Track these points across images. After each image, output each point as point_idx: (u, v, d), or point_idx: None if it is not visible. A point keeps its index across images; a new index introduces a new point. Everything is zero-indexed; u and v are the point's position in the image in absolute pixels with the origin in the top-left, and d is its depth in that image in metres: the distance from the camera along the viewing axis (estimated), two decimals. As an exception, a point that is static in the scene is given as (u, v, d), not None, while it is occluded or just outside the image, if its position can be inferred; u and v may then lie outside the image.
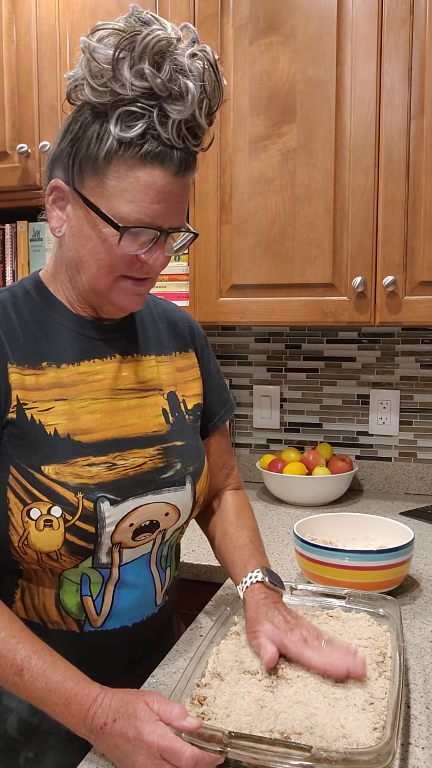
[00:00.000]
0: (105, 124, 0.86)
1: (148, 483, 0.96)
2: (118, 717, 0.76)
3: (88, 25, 1.82)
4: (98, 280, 0.92)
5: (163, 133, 0.85)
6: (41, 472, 0.89)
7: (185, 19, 1.71)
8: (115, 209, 0.87)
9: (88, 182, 0.89)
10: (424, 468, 1.97)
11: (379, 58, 1.58)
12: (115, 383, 0.98)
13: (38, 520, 0.88)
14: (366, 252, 1.62)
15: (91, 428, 0.93)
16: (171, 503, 0.99)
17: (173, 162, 0.86)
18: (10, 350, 0.91)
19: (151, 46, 0.83)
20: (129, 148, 0.85)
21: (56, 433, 0.91)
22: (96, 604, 0.95)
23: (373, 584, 1.18)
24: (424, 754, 0.80)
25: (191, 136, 0.87)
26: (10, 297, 0.96)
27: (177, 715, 0.74)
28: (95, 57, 0.83)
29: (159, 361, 1.05)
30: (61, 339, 0.95)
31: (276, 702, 0.81)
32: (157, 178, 0.86)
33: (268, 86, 1.67)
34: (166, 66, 0.83)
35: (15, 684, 0.82)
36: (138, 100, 0.84)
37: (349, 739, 0.74)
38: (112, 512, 0.92)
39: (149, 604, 1.01)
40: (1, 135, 1.92)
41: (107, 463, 0.93)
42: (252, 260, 1.72)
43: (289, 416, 2.11)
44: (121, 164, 0.86)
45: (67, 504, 0.89)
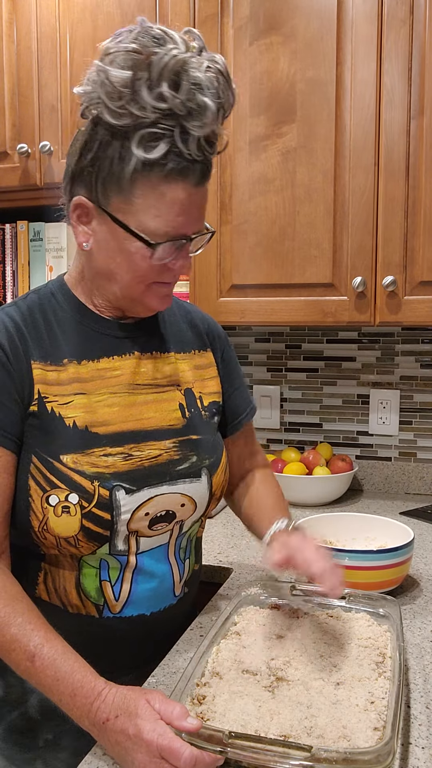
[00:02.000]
0: (126, 145, 0.88)
1: (163, 474, 1.00)
2: (120, 713, 0.76)
3: (89, 25, 1.83)
4: (131, 288, 0.97)
5: (185, 150, 0.88)
6: (60, 460, 0.94)
7: (185, 20, 1.71)
8: (143, 225, 0.91)
9: (114, 200, 0.92)
10: (424, 468, 1.97)
11: (379, 58, 1.58)
12: (133, 379, 1.02)
13: (56, 507, 0.93)
14: (366, 252, 1.62)
15: (108, 421, 0.98)
16: (187, 494, 1.02)
17: (195, 175, 0.90)
18: (34, 348, 0.97)
19: (169, 68, 0.84)
20: (153, 167, 0.88)
21: (75, 425, 0.96)
22: (114, 589, 0.99)
23: (373, 584, 1.18)
24: (424, 754, 0.80)
25: (209, 147, 0.91)
26: (36, 299, 1.02)
27: (178, 715, 0.74)
28: (111, 80, 0.85)
29: (178, 358, 1.10)
30: (82, 338, 1.00)
31: (276, 702, 0.81)
32: (181, 192, 0.90)
33: (268, 86, 1.67)
34: (184, 84, 0.85)
35: (27, 670, 0.83)
36: (159, 122, 0.86)
37: (349, 739, 0.74)
38: (128, 501, 0.96)
39: (168, 594, 1.04)
40: (1, 135, 1.92)
41: (123, 454, 0.97)
42: (252, 260, 1.72)
43: (289, 416, 2.11)
44: (146, 182, 0.89)
45: (84, 491, 0.93)
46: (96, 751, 0.81)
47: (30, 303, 1.01)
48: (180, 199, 0.90)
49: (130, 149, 0.88)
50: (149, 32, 0.86)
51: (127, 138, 0.88)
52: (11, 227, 2.05)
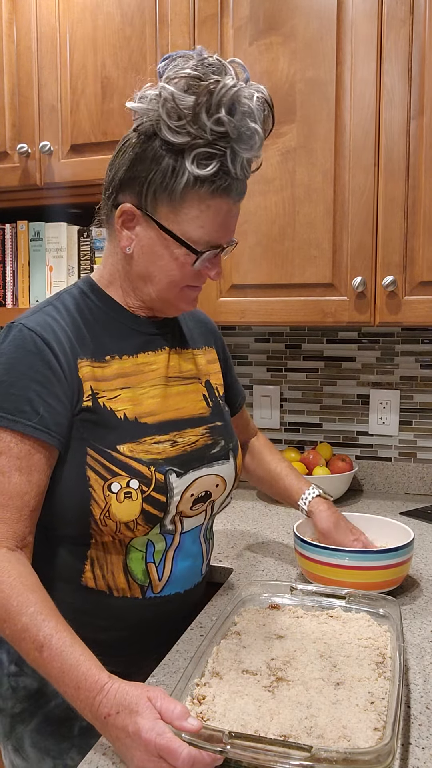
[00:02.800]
0: (180, 161, 0.97)
1: (202, 458, 1.10)
2: (121, 710, 0.77)
3: (89, 25, 1.83)
4: (167, 291, 1.06)
5: (232, 170, 0.98)
6: (117, 450, 1.01)
7: (185, 20, 1.71)
8: (187, 234, 1.00)
9: (162, 209, 1.00)
10: (424, 468, 1.97)
11: (379, 58, 1.58)
12: (167, 372, 1.11)
13: (119, 493, 0.99)
14: (366, 252, 1.62)
15: (152, 411, 1.06)
16: (220, 475, 1.13)
17: (237, 191, 1.01)
18: (79, 347, 1.02)
19: (227, 96, 0.94)
20: (204, 183, 0.98)
21: (125, 417, 1.03)
22: (158, 570, 1.06)
23: (373, 584, 1.18)
24: (424, 754, 0.80)
25: (249, 167, 1.02)
26: (70, 299, 1.08)
27: (178, 715, 0.74)
28: (177, 102, 0.94)
29: (195, 354, 1.20)
30: (119, 334, 1.08)
31: (276, 702, 0.81)
32: (224, 206, 1.01)
33: (268, 86, 1.64)
34: (238, 111, 0.96)
35: (35, 659, 0.85)
36: (214, 143, 0.96)
37: (349, 740, 0.74)
38: (178, 483, 1.05)
39: (197, 572, 1.14)
40: (1, 135, 1.92)
41: (170, 441, 1.06)
42: (252, 260, 1.72)
43: (289, 416, 2.11)
44: (195, 196, 0.99)
45: (143, 477, 1.01)
46: (97, 748, 0.81)
47: (66, 303, 1.07)
48: (223, 212, 1.01)
49: (184, 165, 0.97)
50: (207, 61, 0.97)
51: (182, 154, 0.97)
52: (11, 227, 2.05)
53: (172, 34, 1.72)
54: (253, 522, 1.71)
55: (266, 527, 1.66)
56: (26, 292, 2.04)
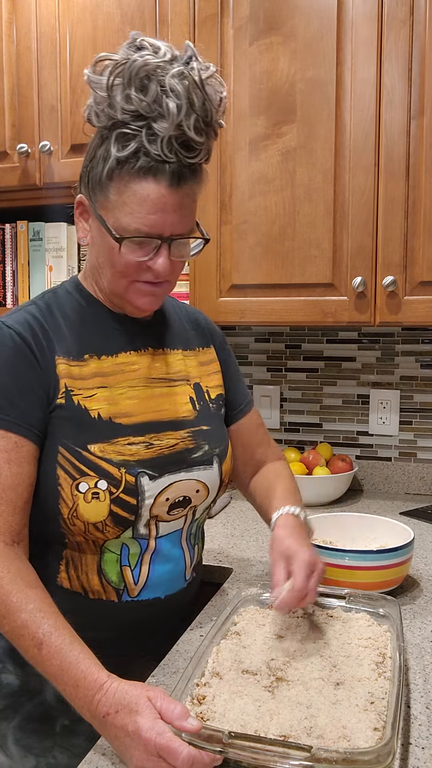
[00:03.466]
0: (107, 145, 0.96)
1: (180, 462, 1.07)
2: (120, 709, 0.76)
3: (89, 25, 1.83)
4: (114, 284, 1.03)
5: (153, 150, 0.93)
6: (88, 450, 0.99)
7: (185, 20, 1.71)
8: (118, 221, 0.97)
9: (98, 197, 0.99)
10: (424, 468, 1.97)
11: (379, 58, 1.58)
12: (149, 373, 1.09)
13: (86, 493, 0.98)
14: (366, 252, 1.62)
15: (129, 412, 1.04)
16: (201, 480, 1.09)
17: (165, 175, 0.94)
18: (57, 344, 1.02)
19: (136, 72, 0.91)
20: (125, 165, 0.95)
21: (100, 417, 1.01)
22: (134, 573, 1.04)
23: (373, 584, 1.18)
24: (424, 754, 0.80)
25: (184, 150, 0.95)
26: (54, 298, 1.07)
27: (178, 715, 0.74)
28: (94, 87, 0.95)
29: (185, 355, 1.16)
30: (101, 333, 1.06)
31: (276, 702, 0.81)
32: (152, 191, 0.95)
33: (268, 86, 1.67)
34: (152, 88, 0.91)
35: (34, 657, 0.84)
36: (128, 123, 0.93)
37: (349, 740, 0.74)
38: (151, 486, 1.02)
39: (180, 577, 1.10)
40: (1, 135, 1.92)
41: (145, 443, 1.04)
42: (252, 260, 1.72)
43: (289, 416, 2.11)
44: (120, 180, 0.96)
45: (112, 478, 0.99)
46: (97, 748, 0.81)
47: (48, 301, 1.06)
48: (150, 197, 0.95)
49: (109, 149, 0.95)
50: (133, 43, 0.95)
51: (108, 139, 0.96)
52: (11, 227, 2.05)
53: (172, 34, 1.72)
54: (253, 522, 1.71)
55: (266, 527, 1.66)
56: (26, 292, 2.04)
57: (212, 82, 0.96)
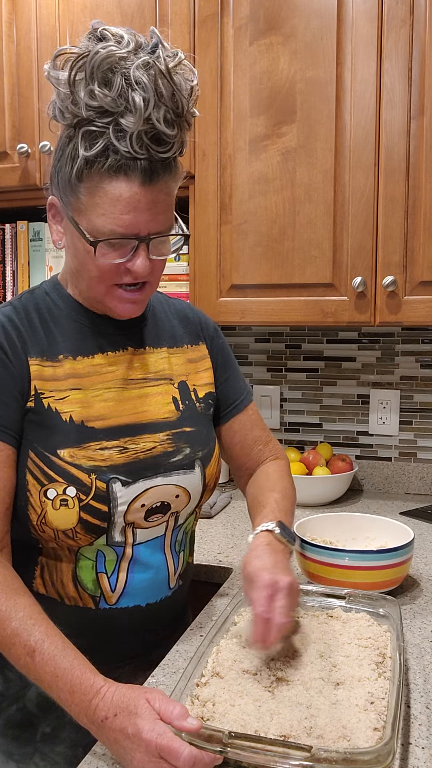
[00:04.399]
0: (74, 144, 0.90)
1: (157, 466, 1.02)
2: (119, 712, 0.76)
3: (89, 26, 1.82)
4: (92, 289, 0.98)
5: (122, 147, 0.87)
6: (57, 455, 0.96)
7: (185, 20, 1.71)
8: (91, 223, 0.92)
9: (69, 199, 0.94)
10: (424, 468, 1.97)
11: (379, 58, 1.58)
12: (127, 374, 1.04)
13: (55, 500, 0.95)
14: (366, 252, 1.62)
15: (103, 415, 1.00)
16: (181, 485, 1.05)
17: (137, 172, 0.89)
18: (31, 346, 0.98)
19: (98, 65, 0.86)
20: (94, 165, 0.89)
21: (71, 420, 0.98)
22: (110, 581, 1.01)
23: (373, 584, 1.18)
24: (424, 754, 0.80)
25: (155, 144, 0.89)
26: (31, 298, 1.04)
27: (178, 715, 0.74)
28: (56, 83, 0.89)
29: (171, 353, 1.11)
30: (77, 334, 1.02)
31: (276, 702, 0.81)
32: (124, 189, 0.90)
33: (268, 86, 1.67)
34: (117, 81, 0.86)
35: (26, 665, 0.83)
36: (94, 120, 0.88)
37: (349, 740, 0.74)
38: (124, 493, 0.98)
39: (162, 586, 1.06)
40: (1, 135, 1.91)
41: (119, 447, 1.00)
42: (252, 260, 1.72)
43: (289, 416, 2.11)
44: (90, 181, 0.90)
45: (81, 485, 0.95)
46: (96, 751, 0.81)
47: (25, 302, 1.03)
48: (123, 196, 0.90)
49: (76, 149, 0.90)
50: (95, 33, 0.89)
51: (75, 137, 0.90)
52: (11, 227, 2.05)
53: (172, 33, 1.72)
54: (253, 522, 1.71)
55: (266, 527, 1.66)
56: (26, 292, 2.04)
57: (181, 70, 0.90)
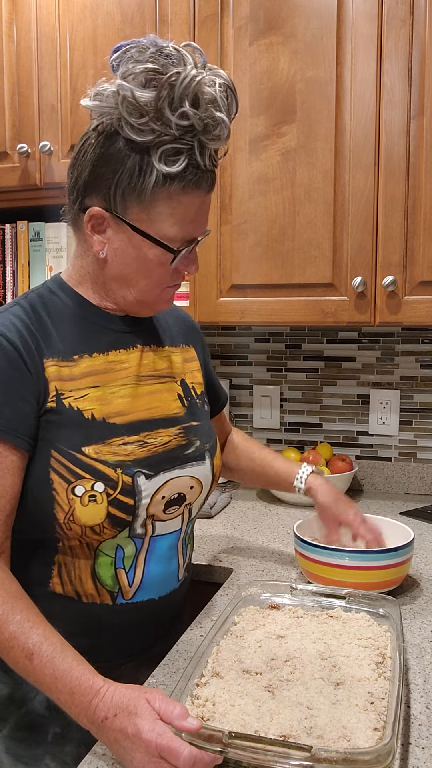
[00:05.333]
0: (147, 159, 0.94)
1: (174, 459, 1.06)
2: (119, 712, 0.76)
3: (89, 25, 1.83)
4: (148, 293, 1.03)
5: (201, 163, 0.95)
6: (82, 452, 0.98)
7: (185, 20, 1.71)
8: (162, 232, 0.98)
9: (132, 210, 0.97)
10: (424, 468, 1.97)
11: (379, 58, 1.58)
12: (138, 370, 1.08)
13: (83, 496, 0.96)
14: (366, 252, 1.62)
15: (122, 411, 1.03)
16: (195, 476, 1.09)
17: (207, 183, 0.99)
18: (45, 346, 0.99)
19: (190, 88, 0.91)
20: (174, 180, 0.95)
21: (93, 417, 1.00)
22: (128, 576, 1.03)
23: (373, 584, 1.18)
24: (424, 754, 0.80)
25: (216, 155, 0.99)
26: (37, 298, 1.04)
27: (178, 714, 0.74)
28: (137, 99, 0.90)
29: (171, 352, 1.16)
30: (89, 332, 1.04)
31: (276, 702, 0.81)
32: (196, 200, 0.98)
33: (268, 86, 1.67)
34: (201, 103, 0.92)
35: (25, 668, 0.84)
36: (181, 138, 0.93)
37: (349, 740, 0.74)
38: (147, 485, 1.01)
39: (173, 578, 1.09)
40: (1, 135, 1.92)
41: (139, 442, 1.03)
42: (252, 260, 1.72)
43: (289, 416, 2.11)
44: (166, 194, 0.96)
45: (108, 479, 0.98)
46: (96, 751, 0.81)
47: (32, 301, 1.03)
48: (194, 206, 0.98)
49: (151, 163, 0.93)
50: (163, 51, 0.93)
51: (147, 152, 0.93)
52: (11, 227, 2.05)
53: (172, 33, 1.72)
54: (253, 522, 1.71)
55: (266, 527, 1.66)
56: (26, 292, 2.04)
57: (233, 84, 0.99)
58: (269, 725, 0.76)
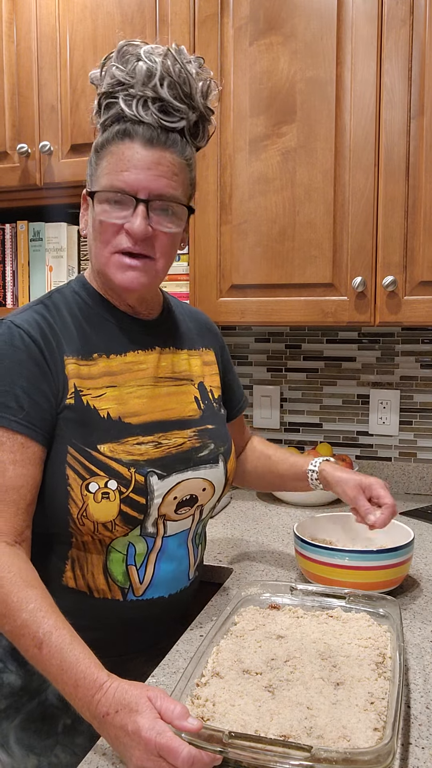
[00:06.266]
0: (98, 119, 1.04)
1: (187, 460, 1.08)
2: (120, 709, 0.76)
3: (89, 25, 1.83)
4: (98, 257, 1.03)
5: (129, 112, 0.99)
6: (98, 450, 1.00)
7: (185, 20, 1.71)
8: (98, 184, 1.02)
9: (91, 178, 1.04)
10: (424, 468, 1.97)
11: (379, 58, 1.58)
12: (156, 372, 1.10)
13: (96, 493, 0.98)
14: (366, 252, 1.62)
15: (138, 411, 1.05)
16: (207, 479, 1.11)
17: (140, 135, 0.99)
18: (66, 345, 1.02)
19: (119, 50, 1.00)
20: (106, 130, 1.01)
21: (109, 416, 1.02)
22: (140, 573, 1.05)
23: (373, 584, 1.18)
24: (424, 754, 0.80)
25: (161, 113, 0.99)
26: (61, 297, 1.08)
27: (178, 714, 0.74)
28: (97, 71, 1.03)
29: (190, 355, 1.18)
30: (108, 333, 1.07)
31: (276, 702, 0.81)
32: (126, 148, 0.99)
33: (268, 86, 1.67)
34: (131, 60, 0.99)
35: (34, 656, 0.84)
36: (111, 92, 1.01)
37: (349, 740, 0.74)
38: (160, 485, 1.03)
39: (183, 576, 1.11)
40: (1, 135, 1.92)
41: (154, 442, 1.05)
42: (252, 260, 1.72)
43: (289, 416, 2.11)
44: (103, 148, 1.01)
45: (122, 478, 1.00)
46: (97, 749, 0.81)
47: (56, 301, 1.07)
48: (124, 155, 0.99)
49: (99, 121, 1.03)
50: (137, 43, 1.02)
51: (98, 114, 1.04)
52: (11, 227, 2.05)
53: (172, 33, 1.72)
54: (253, 522, 1.71)
55: (266, 527, 1.66)
56: (26, 292, 2.04)
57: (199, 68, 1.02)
58: (269, 725, 0.76)
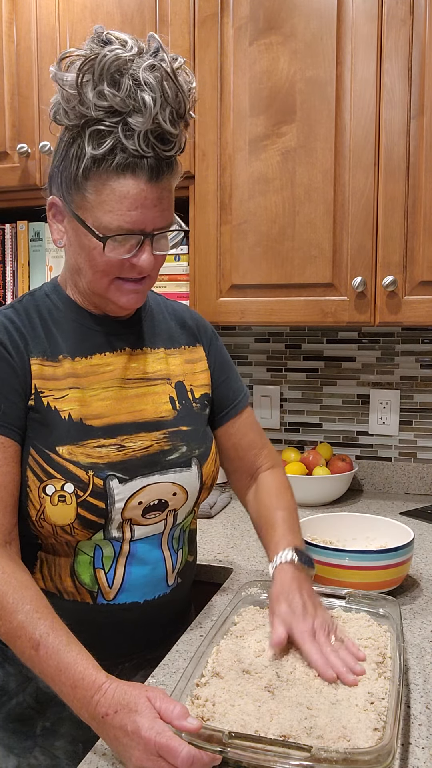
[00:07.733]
0: (81, 144, 0.94)
1: (154, 464, 1.04)
2: (119, 709, 0.76)
3: (89, 25, 1.83)
4: (95, 283, 1.01)
5: (130, 146, 0.92)
6: (56, 452, 0.98)
7: (185, 20, 1.71)
8: (98, 220, 0.95)
9: (74, 197, 0.97)
10: (424, 468, 1.97)
11: (379, 58, 1.58)
12: (124, 373, 1.07)
13: (53, 496, 0.97)
14: (366, 252, 1.62)
15: (101, 413, 1.02)
16: (178, 483, 1.06)
17: (144, 170, 0.93)
18: (33, 346, 1.01)
19: (107, 67, 0.90)
20: (102, 163, 0.93)
21: (70, 418, 1.00)
22: (108, 576, 1.03)
23: (373, 584, 1.18)
24: (424, 754, 0.80)
25: (160, 143, 0.93)
26: (31, 300, 1.07)
27: (178, 714, 0.74)
28: (62, 84, 0.93)
29: (168, 354, 1.13)
30: (77, 335, 1.05)
31: (276, 702, 0.81)
32: (131, 187, 0.93)
33: (268, 86, 1.67)
34: (125, 83, 0.90)
35: (31, 658, 0.84)
36: (103, 119, 0.92)
37: (349, 740, 0.74)
38: (121, 489, 1.00)
39: (160, 583, 1.07)
40: (1, 135, 1.91)
41: (116, 445, 1.02)
42: (252, 260, 1.72)
43: (289, 416, 2.11)
44: (97, 179, 0.94)
45: (79, 481, 0.98)
46: (97, 749, 0.81)
47: (26, 304, 1.06)
48: (130, 193, 0.94)
49: (83, 148, 0.93)
50: (99, 37, 0.92)
51: (81, 137, 0.94)
52: (11, 227, 2.05)
53: (172, 33, 1.72)
54: (253, 522, 1.70)
55: (266, 527, 1.66)
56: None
57: (182, 72, 0.94)
58: (269, 725, 0.76)
